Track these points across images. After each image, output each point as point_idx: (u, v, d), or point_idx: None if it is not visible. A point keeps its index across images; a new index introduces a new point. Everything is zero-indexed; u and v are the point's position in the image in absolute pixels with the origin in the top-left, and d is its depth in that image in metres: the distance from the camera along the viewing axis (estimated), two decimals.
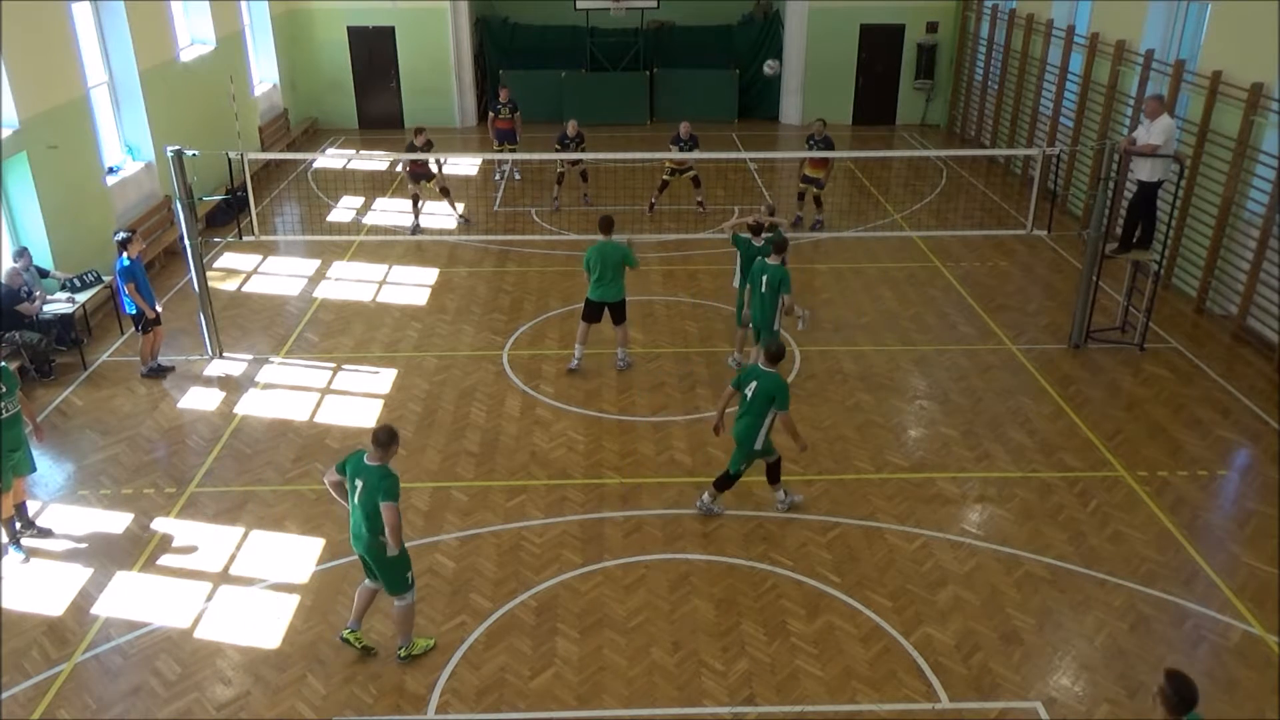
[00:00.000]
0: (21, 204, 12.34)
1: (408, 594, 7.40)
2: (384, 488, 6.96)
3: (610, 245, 11.34)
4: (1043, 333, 12.95)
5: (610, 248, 11.33)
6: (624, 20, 23.86)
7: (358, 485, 7.08)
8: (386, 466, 7.07)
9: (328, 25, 22.87)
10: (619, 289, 11.49)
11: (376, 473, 7.02)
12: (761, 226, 11.75)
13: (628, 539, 8.97)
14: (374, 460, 7.05)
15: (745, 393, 8.77)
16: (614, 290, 11.48)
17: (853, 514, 9.30)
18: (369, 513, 7.05)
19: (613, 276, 11.40)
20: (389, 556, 7.16)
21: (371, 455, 7.06)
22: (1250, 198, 12.69)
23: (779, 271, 10.55)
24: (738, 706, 7.20)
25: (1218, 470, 10.01)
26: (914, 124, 23.84)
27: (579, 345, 11.82)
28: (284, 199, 18.57)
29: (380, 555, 7.18)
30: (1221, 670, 7.50)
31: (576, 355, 11.84)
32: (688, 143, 16.89)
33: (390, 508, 6.95)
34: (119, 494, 9.59)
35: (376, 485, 6.98)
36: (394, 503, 6.97)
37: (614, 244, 11.34)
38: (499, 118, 18.32)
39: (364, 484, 7.04)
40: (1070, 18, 17.90)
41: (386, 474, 7.02)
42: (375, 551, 7.18)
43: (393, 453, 7.11)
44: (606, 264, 11.32)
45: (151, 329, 11.61)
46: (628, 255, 11.36)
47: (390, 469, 7.07)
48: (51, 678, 7.43)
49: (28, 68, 12.28)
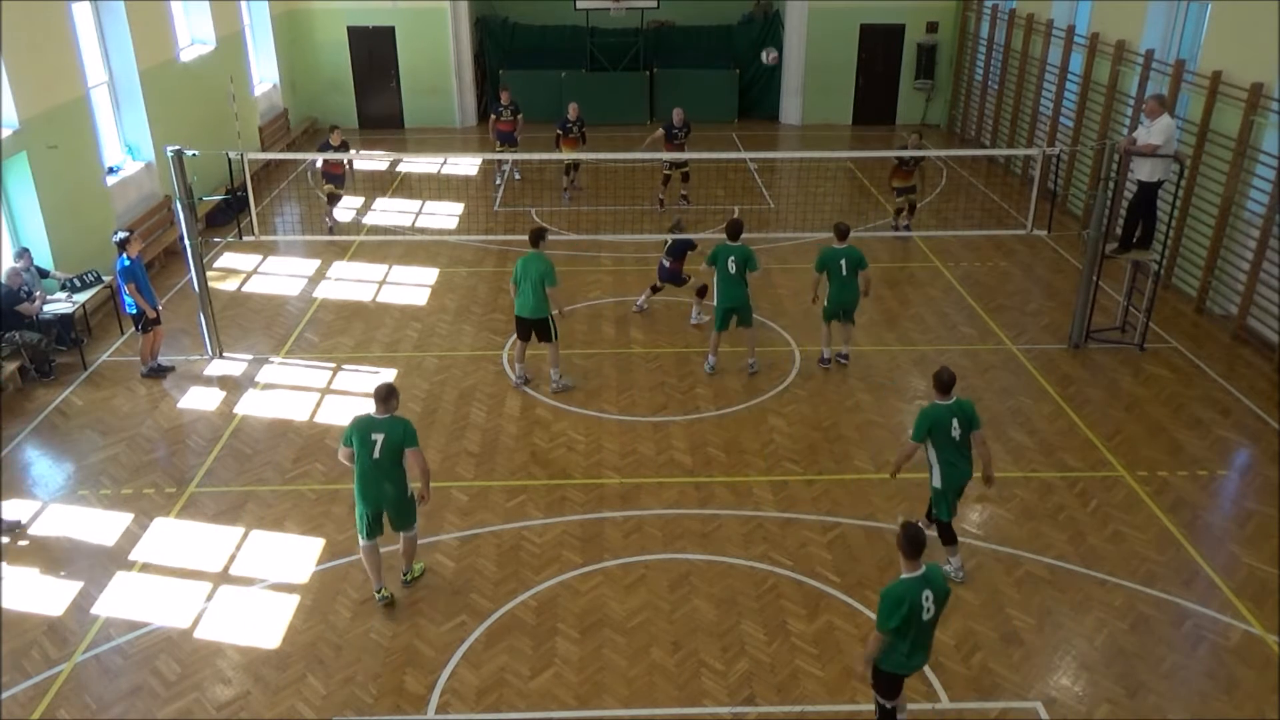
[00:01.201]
0: (21, 204, 12.34)
1: (415, 526, 8.09)
2: (409, 435, 7.57)
3: (534, 258, 10.79)
4: (1043, 333, 12.95)
5: (534, 261, 10.78)
6: (624, 20, 23.86)
7: (375, 441, 7.52)
8: (402, 418, 7.62)
9: (328, 25, 22.88)
10: (541, 306, 10.85)
11: (396, 424, 7.58)
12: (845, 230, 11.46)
13: (628, 539, 8.97)
14: (383, 414, 7.58)
15: (953, 434, 7.92)
16: (534, 306, 10.85)
17: (853, 514, 9.30)
18: (395, 461, 7.58)
19: (533, 291, 10.78)
20: (407, 498, 7.81)
21: (379, 411, 7.59)
22: (1250, 198, 12.69)
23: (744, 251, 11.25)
24: (738, 706, 7.20)
25: (1218, 470, 10.01)
26: (914, 124, 23.83)
27: (518, 364, 11.50)
28: (284, 199, 18.57)
29: (402, 501, 7.79)
30: (1221, 670, 7.50)
31: (514, 374, 11.61)
32: (681, 130, 16.90)
33: (418, 453, 7.60)
34: (119, 494, 9.59)
35: (400, 435, 7.54)
36: (417, 447, 7.60)
37: (539, 256, 10.79)
38: (500, 120, 18.32)
39: (385, 437, 7.52)
40: (1070, 18, 17.90)
41: (405, 423, 7.59)
42: (399, 500, 7.77)
43: (394, 406, 7.66)
44: (527, 278, 10.78)
45: (152, 329, 11.61)
46: (548, 272, 10.72)
47: (406, 420, 7.63)
48: (51, 678, 7.43)
49: (28, 68, 12.28)
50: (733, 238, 11.30)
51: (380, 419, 7.59)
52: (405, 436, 7.58)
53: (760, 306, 13.29)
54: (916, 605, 6.11)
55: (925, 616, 6.18)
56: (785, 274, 14.67)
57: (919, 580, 6.14)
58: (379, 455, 7.53)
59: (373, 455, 7.54)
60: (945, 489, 8.05)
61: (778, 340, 12.70)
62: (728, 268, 11.18)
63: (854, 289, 11.46)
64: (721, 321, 11.49)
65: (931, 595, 6.18)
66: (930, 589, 6.16)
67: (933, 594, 6.18)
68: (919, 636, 6.24)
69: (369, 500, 7.74)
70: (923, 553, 6.14)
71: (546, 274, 10.74)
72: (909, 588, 6.12)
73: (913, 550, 6.11)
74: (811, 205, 17.25)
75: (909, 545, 6.10)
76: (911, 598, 6.09)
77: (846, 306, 11.58)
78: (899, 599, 6.09)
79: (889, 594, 6.14)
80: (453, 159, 21.28)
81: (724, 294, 11.34)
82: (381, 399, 7.61)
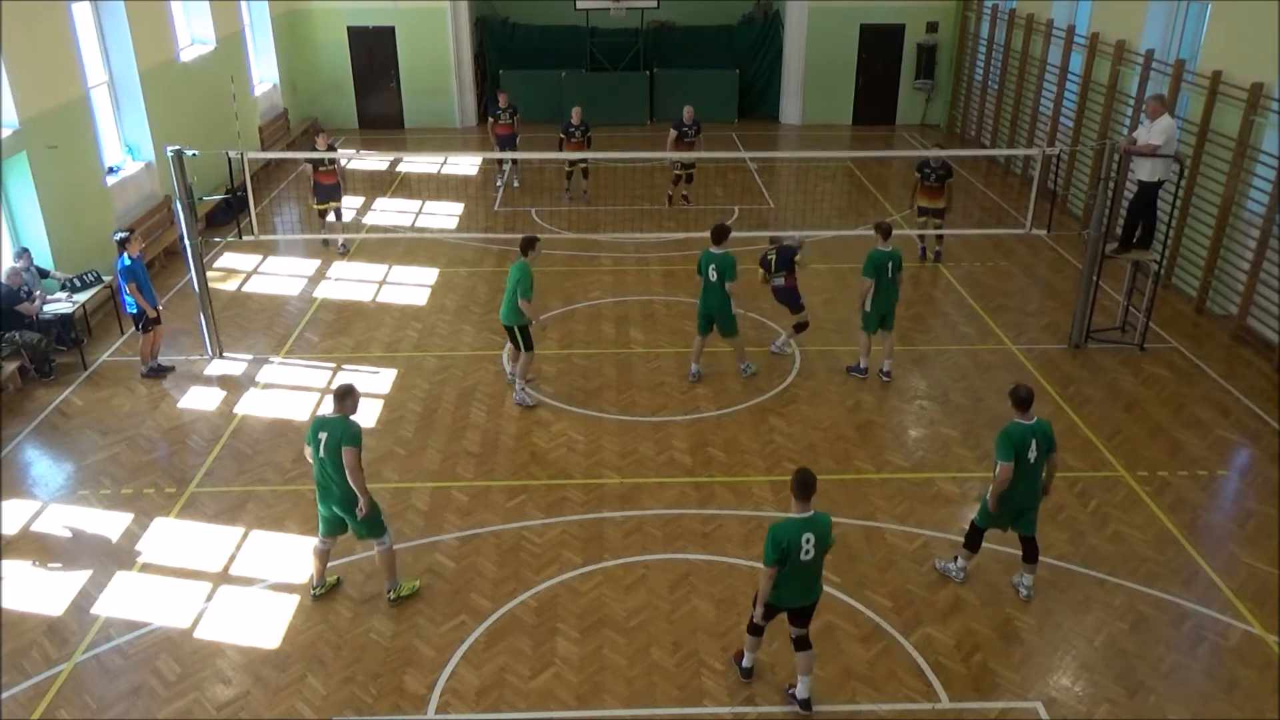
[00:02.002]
0: (21, 204, 12.34)
1: (384, 537, 7.88)
2: (347, 434, 7.42)
3: (516, 266, 10.66)
4: (1043, 333, 12.95)
5: (515, 269, 10.65)
6: (624, 20, 23.86)
7: (321, 439, 7.48)
8: (347, 418, 7.52)
9: (328, 25, 22.88)
10: (512, 314, 10.70)
11: (339, 423, 7.48)
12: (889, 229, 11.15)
13: (628, 539, 8.97)
14: (335, 414, 7.53)
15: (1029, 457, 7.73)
16: (505, 312, 10.79)
17: (853, 514, 9.30)
18: (335, 462, 7.46)
19: (508, 298, 10.69)
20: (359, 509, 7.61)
21: (334, 410, 7.56)
22: (1250, 198, 12.69)
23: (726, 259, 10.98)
24: (738, 706, 7.20)
25: (1218, 470, 10.01)
26: (914, 124, 23.85)
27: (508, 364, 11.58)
28: (284, 199, 18.57)
29: (350, 505, 7.61)
30: (1221, 670, 7.50)
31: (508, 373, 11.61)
32: (691, 128, 16.84)
33: (350, 451, 7.39)
34: (119, 494, 9.59)
35: (340, 433, 7.42)
36: (354, 447, 7.40)
37: (520, 265, 10.62)
38: (499, 123, 18.23)
39: (328, 435, 7.45)
40: (1070, 18, 17.90)
41: (347, 423, 7.48)
42: (347, 503, 7.60)
43: (348, 407, 7.56)
44: (508, 283, 10.69)
45: (152, 329, 11.62)
46: (522, 282, 10.54)
47: (352, 420, 7.52)
48: (51, 678, 7.43)
49: (28, 68, 12.28)
50: (716, 242, 11.08)
51: (330, 418, 7.53)
52: (343, 436, 7.42)
53: (761, 306, 13.30)
54: (795, 544, 6.60)
55: (803, 557, 6.66)
56: None
57: (803, 522, 6.63)
58: (324, 454, 7.49)
59: (321, 450, 7.51)
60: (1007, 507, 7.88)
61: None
62: (709, 275, 11.08)
63: (896, 293, 11.32)
64: (703, 326, 11.39)
65: (813, 539, 6.64)
66: (812, 533, 6.64)
67: (814, 538, 6.65)
68: (793, 574, 6.71)
69: (320, 499, 7.78)
70: (811, 497, 6.64)
71: (520, 283, 10.54)
72: (792, 527, 6.63)
73: (801, 492, 6.64)
74: (811, 205, 17.26)
75: (799, 488, 6.64)
76: (792, 536, 6.59)
77: (888, 312, 11.34)
78: (779, 536, 6.61)
79: (773, 530, 6.65)
80: (453, 159, 21.28)
81: (704, 299, 11.26)
82: (337, 398, 7.57)
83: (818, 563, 6.78)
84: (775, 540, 6.60)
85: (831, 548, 6.88)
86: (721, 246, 11.08)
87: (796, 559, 6.65)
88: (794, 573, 6.72)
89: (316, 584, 8.20)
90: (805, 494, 6.65)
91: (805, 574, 6.75)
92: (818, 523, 6.68)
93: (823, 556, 6.79)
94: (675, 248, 15.77)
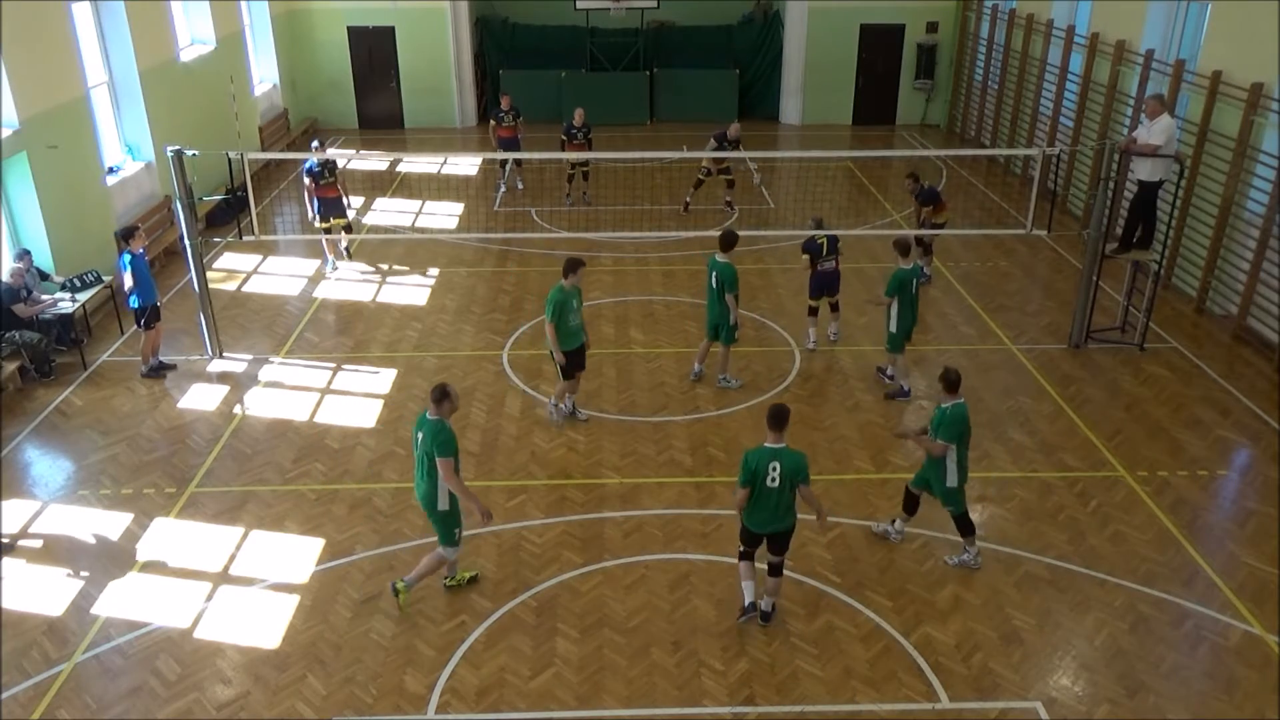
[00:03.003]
0: (21, 204, 12.34)
1: (449, 550, 7.92)
2: (438, 442, 7.49)
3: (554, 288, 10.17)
4: (1043, 333, 12.95)
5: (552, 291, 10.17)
6: (624, 20, 23.87)
7: (419, 437, 7.65)
8: (442, 421, 7.55)
9: (328, 25, 22.88)
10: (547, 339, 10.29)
11: (434, 428, 7.54)
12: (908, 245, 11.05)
13: (628, 539, 8.97)
14: (432, 415, 7.60)
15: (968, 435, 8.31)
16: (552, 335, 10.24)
17: (853, 514, 9.30)
18: (426, 462, 7.59)
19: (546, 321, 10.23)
20: (439, 509, 7.69)
21: (431, 411, 7.62)
22: (1250, 198, 12.69)
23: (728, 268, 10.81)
24: (738, 706, 7.20)
25: (1218, 470, 10.01)
26: (914, 124, 23.85)
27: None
28: (284, 199, 18.57)
29: (432, 506, 7.70)
30: (1221, 670, 7.50)
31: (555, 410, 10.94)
32: (733, 144, 16.69)
33: (442, 461, 7.47)
34: (119, 494, 9.59)
35: (431, 441, 7.52)
36: (447, 458, 7.46)
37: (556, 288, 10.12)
38: (502, 125, 18.10)
39: (423, 436, 7.59)
40: (1070, 18, 17.90)
41: (439, 428, 7.52)
42: (428, 501, 7.71)
43: (446, 409, 7.59)
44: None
45: (154, 325, 11.62)
46: (548, 304, 10.06)
47: (445, 424, 7.56)
48: (51, 678, 7.43)
49: (28, 68, 12.28)
50: (723, 250, 10.86)
51: (428, 420, 7.59)
52: (434, 444, 7.47)
53: (761, 306, 13.29)
54: (763, 470, 7.32)
55: (769, 484, 7.34)
56: (785, 274, 14.67)
57: (773, 451, 7.37)
58: (418, 452, 7.70)
59: (416, 449, 7.73)
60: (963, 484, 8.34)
61: (778, 340, 12.69)
62: (711, 282, 10.97)
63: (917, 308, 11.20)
64: (710, 332, 11.27)
65: (779, 467, 7.33)
66: (779, 462, 7.34)
67: (780, 466, 7.33)
68: (762, 500, 7.43)
69: (416, 488, 7.88)
70: (783, 429, 7.39)
71: (547, 305, 10.17)
72: (761, 454, 7.38)
73: (773, 424, 7.40)
74: (811, 205, 17.23)
75: (771, 419, 7.41)
76: (760, 462, 7.33)
77: (913, 326, 11.22)
78: (749, 459, 7.38)
79: (745, 455, 7.43)
80: (453, 159, 21.28)
81: (709, 306, 11.16)
82: (433, 400, 7.59)
83: (786, 494, 7.42)
84: (745, 463, 7.37)
85: (806, 485, 7.45)
86: (727, 255, 10.89)
87: (764, 485, 7.34)
88: (762, 498, 7.41)
89: (449, 574, 8.27)
90: (777, 425, 7.36)
91: (772, 501, 7.42)
92: (786, 455, 7.37)
93: (791, 490, 7.40)
94: (675, 248, 15.77)
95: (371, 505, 9.42)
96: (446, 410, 7.58)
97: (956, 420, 8.11)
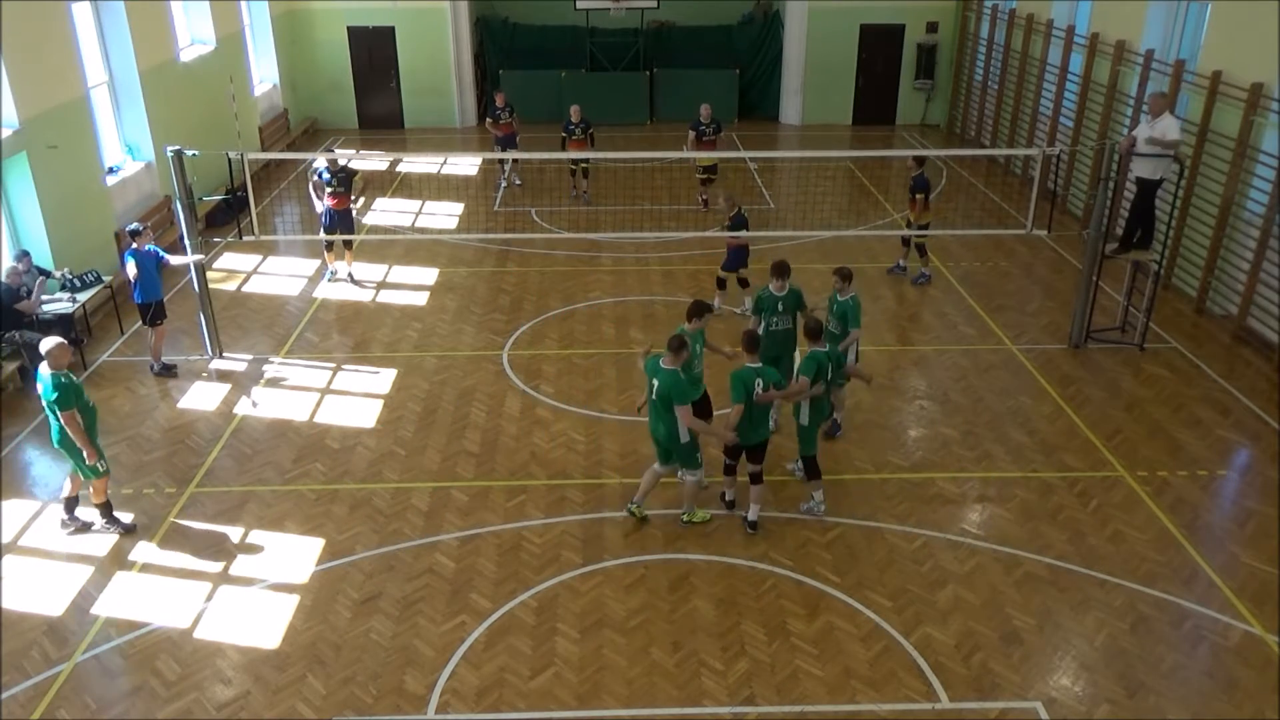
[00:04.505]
0: (21, 204, 12.34)
1: (697, 471, 8.80)
2: (675, 392, 8.35)
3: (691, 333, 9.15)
4: (1043, 333, 12.95)
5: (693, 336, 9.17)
6: (624, 20, 23.87)
7: (654, 384, 8.48)
8: (676, 372, 8.36)
9: (328, 25, 22.88)
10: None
11: (669, 377, 8.37)
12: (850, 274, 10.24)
13: (628, 539, 8.97)
14: (666, 364, 8.38)
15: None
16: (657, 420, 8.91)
17: (853, 514, 9.30)
18: (663, 406, 8.45)
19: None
20: (681, 442, 8.56)
21: (666, 360, 8.39)
22: (1250, 198, 12.69)
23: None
24: (738, 706, 7.20)
25: (1218, 470, 10.01)
26: (914, 124, 23.85)
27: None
28: (284, 199, 18.57)
29: (675, 440, 8.57)
30: (1221, 670, 7.50)
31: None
32: (710, 125, 16.75)
33: (681, 410, 8.37)
34: (119, 494, 9.58)
35: (668, 388, 8.36)
36: (684, 405, 8.37)
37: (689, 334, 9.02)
38: (499, 123, 18.16)
39: (658, 384, 8.42)
40: (1070, 18, 17.90)
41: (675, 380, 8.36)
42: (670, 439, 8.58)
43: (679, 359, 8.39)
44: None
45: (159, 322, 11.62)
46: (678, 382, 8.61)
47: (679, 374, 8.39)
48: (51, 678, 7.43)
49: (28, 68, 12.28)
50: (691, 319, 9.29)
51: (663, 369, 8.41)
52: (673, 392, 8.33)
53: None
54: (750, 386, 8.36)
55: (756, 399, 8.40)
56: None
57: (755, 370, 8.47)
58: (655, 397, 8.49)
59: (652, 395, 8.54)
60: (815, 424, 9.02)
61: None
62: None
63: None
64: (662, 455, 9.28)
65: (762, 382, 8.41)
66: (761, 378, 8.43)
67: (763, 381, 8.42)
68: (754, 414, 8.47)
69: (651, 429, 8.79)
70: (756, 350, 8.53)
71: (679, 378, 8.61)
72: (747, 372, 8.43)
73: (750, 346, 8.53)
74: (811, 205, 17.25)
75: (748, 342, 8.53)
76: (747, 380, 8.37)
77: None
78: (738, 379, 8.40)
79: (733, 375, 8.46)
80: (453, 159, 21.28)
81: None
82: (671, 350, 8.36)
83: (766, 405, 8.55)
84: (737, 381, 8.38)
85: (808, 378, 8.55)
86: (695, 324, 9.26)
87: (752, 400, 8.37)
88: (749, 413, 8.42)
89: (637, 499, 9.03)
90: (751, 347, 8.50)
91: (758, 413, 8.50)
92: (766, 371, 8.50)
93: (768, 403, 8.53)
94: (675, 248, 15.77)
95: (371, 505, 9.42)
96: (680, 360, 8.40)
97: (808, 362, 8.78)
